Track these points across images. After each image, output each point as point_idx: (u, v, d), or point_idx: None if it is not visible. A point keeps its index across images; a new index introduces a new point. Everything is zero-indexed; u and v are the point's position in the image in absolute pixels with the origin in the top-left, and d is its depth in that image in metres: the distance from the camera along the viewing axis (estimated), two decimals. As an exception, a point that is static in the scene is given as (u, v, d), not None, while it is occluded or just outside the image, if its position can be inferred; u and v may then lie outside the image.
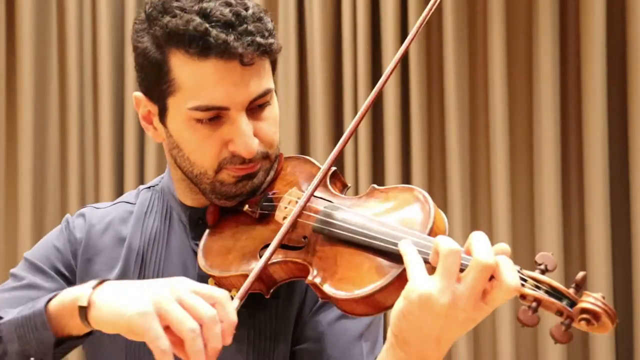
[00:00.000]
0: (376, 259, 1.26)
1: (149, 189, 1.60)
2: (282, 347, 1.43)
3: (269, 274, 1.35)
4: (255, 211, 1.43)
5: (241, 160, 1.41)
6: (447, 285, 1.14)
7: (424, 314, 1.15)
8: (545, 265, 1.18)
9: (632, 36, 3.06)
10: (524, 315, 1.13)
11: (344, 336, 1.41)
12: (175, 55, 1.38)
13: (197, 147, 1.41)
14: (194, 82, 1.37)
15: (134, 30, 1.44)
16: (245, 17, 1.37)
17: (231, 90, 1.37)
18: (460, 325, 1.17)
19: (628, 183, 3.08)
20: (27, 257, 1.55)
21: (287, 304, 1.44)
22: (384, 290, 1.22)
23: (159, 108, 1.43)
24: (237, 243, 1.41)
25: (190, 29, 1.35)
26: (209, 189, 1.44)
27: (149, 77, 1.42)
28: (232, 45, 1.34)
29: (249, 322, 1.42)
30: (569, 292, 1.15)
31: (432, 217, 1.27)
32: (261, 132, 1.42)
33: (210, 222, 1.46)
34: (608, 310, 1.12)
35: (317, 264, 1.31)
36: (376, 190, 1.38)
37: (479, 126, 3.21)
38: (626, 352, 3.07)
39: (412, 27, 3.17)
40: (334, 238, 1.32)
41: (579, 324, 1.13)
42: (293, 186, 1.45)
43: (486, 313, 1.16)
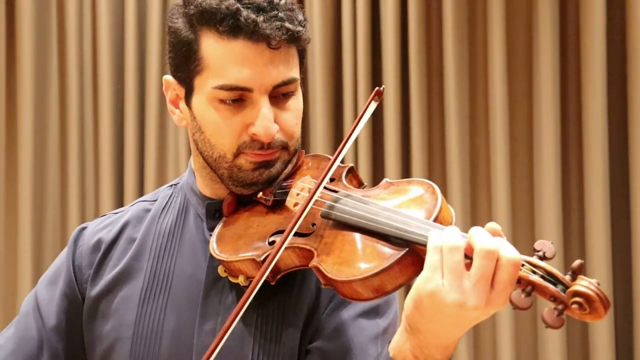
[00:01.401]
0: (379, 243, 1.26)
1: (170, 187, 1.62)
2: (290, 332, 1.42)
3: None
4: (269, 199, 1.44)
5: (260, 145, 1.42)
6: (453, 284, 1.15)
7: (434, 309, 1.17)
8: (544, 252, 1.18)
9: (632, 36, 3.06)
10: (517, 298, 1.13)
11: (360, 336, 1.41)
12: (206, 34, 1.41)
13: (218, 129, 1.43)
14: (221, 61, 1.40)
15: (170, 13, 1.48)
16: (277, 5, 1.40)
17: (256, 72, 1.39)
18: (474, 319, 1.18)
19: (628, 183, 3.08)
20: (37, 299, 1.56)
21: (298, 294, 1.44)
22: (383, 274, 1.23)
23: (186, 89, 1.46)
24: (249, 230, 1.42)
25: (222, 8, 1.38)
26: (227, 175, 1.45)
27: (179, 56, 1.45)
28: (261, 27, 1.37)
29: (258, 307, 1.42)
30: (564, 277, 1.14)
31: (439, 206, 1.28)
32: (282, 121, 1.43)
33: (226, 213, 1.48)
34: (601, 295, 1.11)
35: (322, 249, 1.31)
36: (388, 182, 1.40)
37: (479, 126, 3.21)
38: (626, 352, 3.07)
39: (412, 27, 3.20)
40: (340, 223, 1.32)
41: (571, 309, 1.11)
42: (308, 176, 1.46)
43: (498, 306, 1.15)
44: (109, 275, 1.53)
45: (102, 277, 1.54)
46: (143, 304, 1.49)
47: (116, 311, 1.51)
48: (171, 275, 1.49)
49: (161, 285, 1.49)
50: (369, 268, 1.24)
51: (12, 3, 3.51)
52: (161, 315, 1.47)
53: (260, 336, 1.42)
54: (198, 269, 1.48)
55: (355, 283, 1.25)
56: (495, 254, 1.15)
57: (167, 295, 1.48)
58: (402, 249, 1.24)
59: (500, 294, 1.15)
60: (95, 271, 1.54)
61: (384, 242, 1.26)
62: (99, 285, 1.53)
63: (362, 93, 3.20)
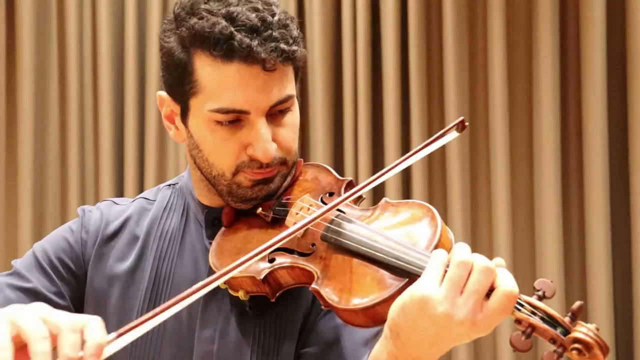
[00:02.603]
0: (379, 271, 1.27)
1: (169, 187, 1.61)
2: (287, 346, 1.43)
3: (275, 278, 1.36)
4: (268, 215, 1.45)
5: (259, 164, 1.42)
6: (449, 295, 1.15)
7: (421, 315, 1.16)
8: (544, 292, 1.18)
9: (632, 36, 3.06)
10: (517, 340, 1.15)
11: (351, 342, 1.42)
12: (200, 57, 1.40)
13: (216, 149, 1.43)
14: (216, 85, 1.39)
15: (162, 30, 1.47)
16: (270, 23, 1.38)
17: (252, 94, 1.38)
18: (455, 338, 1.17)
19: (628, 183, 3.08)
20: (36, 253, 1.55)
21: (295, 305, 1.45)
22: (384, 304, 1.23)
23: (181, 108, 1.45)
24: (248, 245, 1.42)
25: (216, 32, 1.37)
26: (226, 191, 1.46)
27: (173, 76, 1.44)
28: (255, 50, 1.36)
29: (256, 319, 1.43)
30: (564, 320, 1.16)
31: (439, 234, 1.28)
32: (280, 138, 1.43)
33: (225, 223, 1.48)
34: (600, 342, 1.14)
35: (323, 271, 1.31)
36: (388, 203, 1.39)
37: (479, 126, 3.21)
38: (626, 352, 3.08)
39: (412, 27, 3.20)
40: (340, 247, 1.33)
41: (570, 353, 1.14)
42: (308, 193, 1.46)
43: (481, 330, 1.16)
44: (113, 268, 1.53)
45: (105, 266, 1.54)
46: (144, 305, 1.49)
47: (117, 308, 1.51)
48: (172, 279, 1.50)
49: (162, 288, 1.50)
50: (368, 298, 1.24)
51: (12, 3, 3.51)
52: None
53: (258, 349, 1.43)
54: (198, 276, 1.48)
55: (354, 312, 1.25)
56: (492, 274, 1.16)
57: (168, 299, 1.48)
58: (402, 279, 1.24)
59: (487, 320, 1.15)
60: (96, 255, 1.54)
61: (384, 270, 1.26)
62: (101, 275, 1.53)
63: (362, 93, 3.20)
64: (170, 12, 1.47)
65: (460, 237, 3.11)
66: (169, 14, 1.47)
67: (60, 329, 1.05)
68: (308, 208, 1.41)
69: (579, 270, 3.13)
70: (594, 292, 3.04)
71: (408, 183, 3.21)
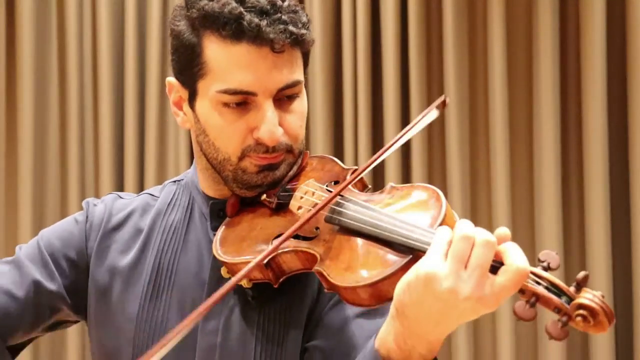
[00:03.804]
0: (383, 249, 1.26)
1: (174, 183, 1.61)
2: (293, 334, 1.42)
3: (279, 264, 1.35)
4: (272, 201, 1.44)
5: (264, 148, 1.41)
6: (453, 269, 1.14)
7: (426, 292, 1.15)
8: (548, 263, 1.17)
9: (632, 36, 3.06)
10: (521, 309, 1.12)
11: (359, 334, 1.40)
12: (209, 38, 1.40)
13: (223, 132, 1.42)
14: (224, 65, 1.39)
15: (173, 15, 1.47)
16: (280, 7, 1.39)
17: (260, 75, 1.38)
18: (461, 314, 1.16)
19: (628, 183, 3.08)
20: (40, 242, 1.57)
21: (301, 294, 1.44)
22: (387, 280, 1.22)
23: (189, 92, 1.45)
24: (252, 232, 1.42)
25: (225, 12, 1.37)
26: (231, 177, 1.45)
27: (182, 59, 1.44)
28: (264, 31, 1.36)
29: (260, 307, 1.43)
30: (569, 289, 1.14)
31: (443, 213, 1.26)
32: (287, 124, 1.42)
33: (230, 214, 1.47)
34: (605, 308, 1.11)
35: (326, 253, 1.31)
36: (393, 187, 1.38)
37: (479, 126, 3.21)
38: (626, 352, 3.07)
39: (412, 27, 3.20)
40: (344, 228, 1.32)
41: (575, 322, 1.11)
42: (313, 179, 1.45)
43: (489, 305, 1.14)
44: (115, 261, 1.53)
45: (107, 259, 1.54)
46: (146, 298, 1.49)
47: (119, 301, 1.51)
48: (174, 272, 1.50)
49: (164, 281, 1.50)
50: (372, 275, 1.23)
51: (12, 3, 3.51)
52: (165, 312, 1.48)
53: (262, 337, 1.42)
54: (202, 268, 1.48)
55: (358, 289, 1.24)
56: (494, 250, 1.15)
57: (170, 292, 1.49)
58: (405, 255, 1.23)
59: (494, 296, 1.14)
60: (99, 248, 1.55)
61: (388, 248, 1.25)
62: (103, 268, 1.53)
63: (362, 93, 3.20)
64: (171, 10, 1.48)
65: (460, 237, 3.11)
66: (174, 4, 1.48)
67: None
68: (313, 192, 1.41)
69: (579, 271, 3.12)
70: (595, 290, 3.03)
71: (408, 182, 3.21)
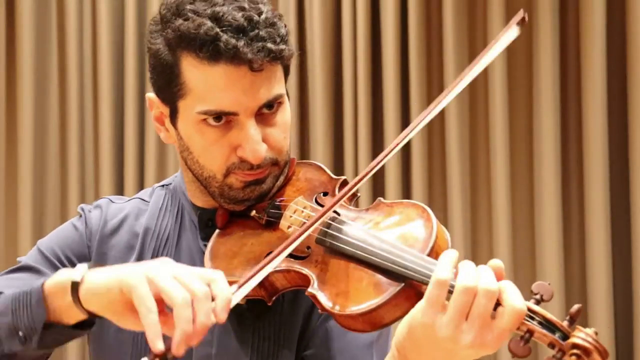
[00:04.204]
0: (375, 275, 1.26)
1: (162, 188, 1.60)
2: (285, 353, 1.42)
3: (272, 282, 1.35)
4: (262, 217, 1.43)
5: (249, 165, 1.41)
6: (453, 322, 1.14)
7: (426, 339, 1.16)
8: (541, 295, 1.17)
9: (632, 36, 3.06)
10: (515, 346, 1.13)
11: (354, 344, 1.40)
12: (186, 58, 1.38)
13: (206, 151, 1.41)
14: (203, 86, 1.37)
15: (149, 31, 1.45)
16: (257, 22, 1.36)
17: (240, 95, 1.37)
18: (464, 358, 1.17)
19: (628, 183, 3.08)
20: (40, 248, 1.55)
21: (293, 310, 1.44)
22: (381, 309, 1.22)
23: (170, 110, 1.44)
24: (243, 248, 1.41)
25: (201, 33, 1.35)
26: (218, 193, 1.44)
27: (161, 78, 1.43)
28: (242, 51, 1.34)
29: (253, 325, 1.43)
30: (563, 325, 1.15)
31: (434, 236, 1.27)
32: (270, 138, 1.42)
33: (219, 225, 1.47)
34: (599, 347, 1.13)
35: (318, 275, 1.30)
36: (382, 204, 1.38)
37: (479, 126, 3.21)
38: (626, 352, 3.07)
39: (412, 27, 3.20)
40: (336, 251, 1.32)
41: (569, 359, 1.13)
42: (302, 193, 1.44)
43: (492, 348, 1.15)
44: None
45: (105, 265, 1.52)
46: None
47: None
48: None
49: None
50: (364, 304, 1.23)
51: (12, 3, 3.51)
52: None
53: (257, 356, 1.42)
54: None
55: (351, 317, 1.25)
56: (496, 298, 1.14)
57: None
58: (398, 283, 1.23)
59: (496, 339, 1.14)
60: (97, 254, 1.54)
61: (380, 274, 1.25)
62: None
63: (362, 93, 3.20)
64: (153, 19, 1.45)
65: (460, 237, 3.11)
66: (155, 14, 1.45)
67: (195, 295, 1.14)
68: (302, 210, 1.40)
69: (579, 271, 3.13)
70: (594, 293, 3.03)
71: (408, 183, 3.21)
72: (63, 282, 1.25)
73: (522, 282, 3.03)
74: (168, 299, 1.13)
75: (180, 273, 1.16)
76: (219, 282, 1.16)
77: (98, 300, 1.21)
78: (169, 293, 1.13)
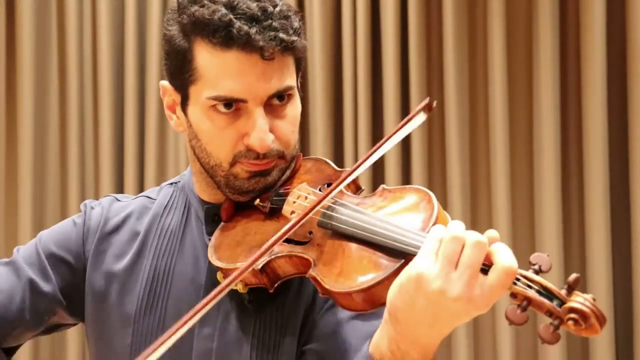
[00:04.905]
0: (376, 253, 1.26)
1: (171, 185, 1.61)
2: (288, 341, 1.42)
3: (273, 268, 1.35)
4: (265, 205, 1.44)
5: (255, 155, 1.41)
6: (443, 270, 1.14)
7: (417, 293, 1.15)
8: (540, 265, 1.17)
9: (632, 36, 3.06)
10: (513, 314, 1.13)
11: (355, 336, 1.40)
12: (200, 44, 1.40)
13: (214, 138, 1.42)
14: (215, 72, 1.39)
15: (165, 19, 1.47)
16: (271, 13, 1.38)
17: (250, 83, 1.38)
18: (453, 316, 1.16)
19: (628, 183, 3.08)
20: (37, 244, 1.58)
21: (295, 301, 1.44)
22: (380, 285, 1.22)
23: (182, 97, 1.46)
24: (247, 237, 1.42)
25: (215, 19, 1.37)
26: (223, 182, 1.45)
27: (174, 64, 1.44)
28: (254, 38, 1.36)
29: (256, 313, 1.43)
30: (560, 292, 1.14)
31: (435, 215, 1.27)
32: (278, 130, 1.42)
33: (224, 218, 1.48)
34: (596, 311, 1.11)
35: (320, 258, 1.31)
36: (385, 190, 1.38)
37: (479, 126, 3.21)
38: (626, 352, 3.07)
39: (412, 27, 3.20)
40: (337, 233, 1.32)
41: (567, 325, 1.12)
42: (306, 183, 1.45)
43: (480, 307, 1.14)
44: (111, 266, 1.53)
45: (103, 263, 1.54)
46: (143, 302, 1.49)
47: (116, 306, 1.51)
48: (171, 275, 1.50)
49: (161, 285, 1.50)
50: (365, 280, 1.24)
51: (12, 3, 3.51)
52: (161, 316, 1.48)
53: (258, 344, 1.42)
54: (199, 272, 1.48)
55: (352, 294, 1.25)
56: (485, 251, 1.15)
57: (167, 296, 1.49)
58: (398, 260, 1.23)
59: (485, 297, 1.14)
60: (95, 252, 1.55)
61: (381, 252, 1.26)
62: (99, 273, 1.54)
63: (362, 93, 3.20)
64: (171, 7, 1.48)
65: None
66: (172, 5, 1.48)
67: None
68: (305, 197, 1.41)
69: (579, 271, 3.13)
70: (594, 293, 3.03)
71: (408, 182, 3.21)
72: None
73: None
74: None
75: None
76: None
77: None
78: None
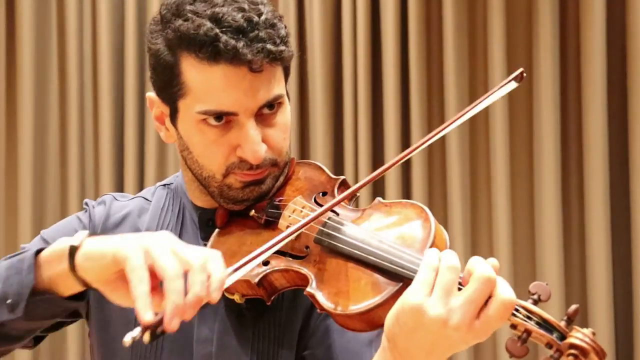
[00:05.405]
0: (373, 275, 1.26)
1: (164, 187, 1.61)
2: (285, 353, 1.42)
3: (270, 281, 1.35)
4: (261, 217, 1.44)
5: (248, 166, 1.41)
6: (441, 300, 1.14)
7: (415, 323, 1.15)
8: (539, 295, 1.17)
9: (632, 35, 3.06)
10: (513, 345, 1.13)
11: (354, 342, 1.40)
12: (186, 58, 1.38)
13: (206, 151, 1.42)
14: (203, 87, 1.37)
15: (149, 32, 1.45)
16: (257, 23, 1.36)
17: (240, 96, 1.37)
18: (452, 344, 1.16)
19: (628, 183, 3.08)
20: (43, 237, 1.57)
21: (293, 310, 1.44)
22: (379, 308, 1.23)
23: (170, 109, 1.44)
24: (242, 247, 1.41)
25: (201, 34, 1.35)
26: (217, 193, 1.45)
27: (161, 78, 1.43)
28: (241, 52, 1.34)
29: (253, 324, 1.43)
30: (560, 325, 1.15)
31: (432, 235, 1.27)
32: (270, 139, 1.42)
33: (219, 224, 1.47)
34: (596, 347, 1.13)
35: (317, 275, 1.31)
36: (381, 204, 1.38)
37: (479, 126, 3.21)
38: (626, 352, 3.08)
39: (412, 27, 3.20)
40: (334, 251, 1.32)
41: (567, 359, 1.13)
42: (301, 193, 1.44)
43: (479, 336, 1.14)
44: None
45: None
46: None
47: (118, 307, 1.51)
48: None
49: None
50: (362, 303, 1.24)
51: (12, 3, 3.51)
52: None
53: (256, 356, 1.42)
54: None
55: (349, 317, 1.25)
56: (493, 285, 1.14)
57: None
58: (396, 283, 1.23)
59: (483, 327, 1.14)
60: None
61: (378, 274, 1.25)
62: None
63: (362, 93, 3.20)
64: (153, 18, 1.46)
65: (460, 238, 3.11)
66: (155, 14, 1.46)
67: (191, 266, 1.13)
68: (301, 210, 1.40)
69: (579, 271, 3.13)
70: (594, 293, 3.03)
71: (408, 183, 3.21)
72: (61, 249, 1.26)
73: (522, 282, 3.05)
74: (160, 270, 1.13)
75: (178, 247, 1.16)
76: (215, 260, 1.16)
77: (91, 266, 1.22)
78: (161, 264, 1.13)
